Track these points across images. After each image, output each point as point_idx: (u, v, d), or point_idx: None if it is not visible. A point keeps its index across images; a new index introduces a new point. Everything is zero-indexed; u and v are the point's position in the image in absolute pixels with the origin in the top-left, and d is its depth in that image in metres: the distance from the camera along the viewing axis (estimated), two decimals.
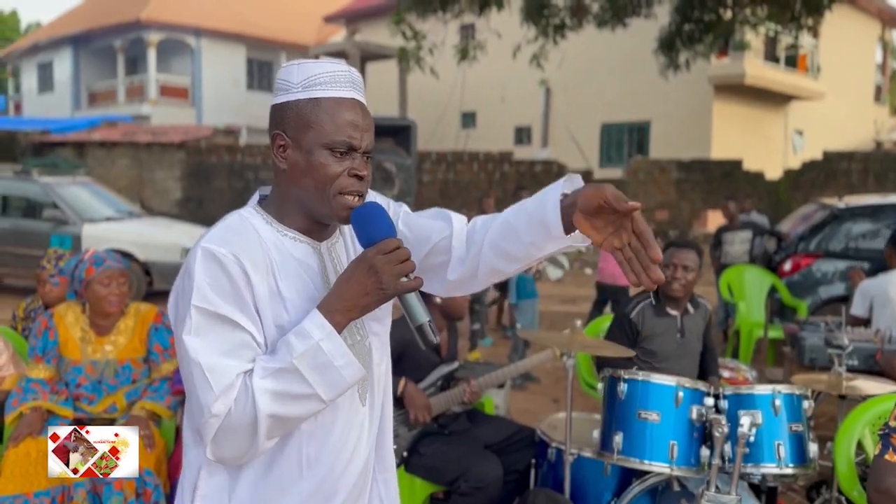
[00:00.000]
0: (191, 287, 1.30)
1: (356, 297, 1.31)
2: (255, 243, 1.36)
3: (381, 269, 1.29)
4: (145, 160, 16.56)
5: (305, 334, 1.29)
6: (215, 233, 1.36)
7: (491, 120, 22.97)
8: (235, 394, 1.27)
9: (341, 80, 1.38)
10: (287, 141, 1.38)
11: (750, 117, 20.59)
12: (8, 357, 3.33)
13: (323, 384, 1.29)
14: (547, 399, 5.79)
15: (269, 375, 1.27)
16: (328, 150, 1.35)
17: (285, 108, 1.38)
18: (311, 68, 1.38)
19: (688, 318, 3.52)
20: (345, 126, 1.35)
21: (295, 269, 1.40)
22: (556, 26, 10.45)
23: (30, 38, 30.09)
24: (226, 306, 1.29)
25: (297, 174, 1.38)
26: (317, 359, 1.28)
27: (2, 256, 9.03)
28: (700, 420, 2.68)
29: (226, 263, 1.30)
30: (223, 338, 1.29)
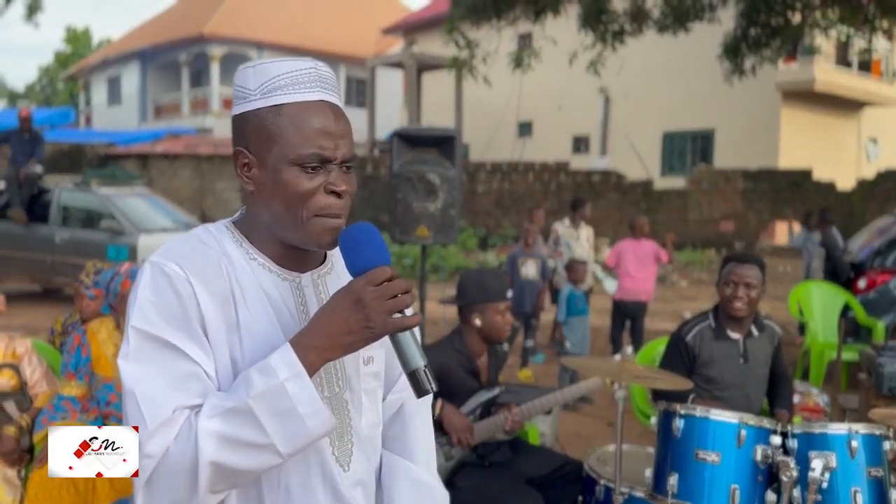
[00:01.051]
0: (132, 304, 1.13)
1: (337, 335, 1.10)
2: (214, 263, 1.18)
3: (370, 303, 1.09)
4: (206, 171, 16.85)
5: (269, 371, 1.08)
6: (170, 246, 1.19)
7: (547, 129, 22.68)
8: (175, 432, 1.08)
9: (305, 79, 1.17)
10: (250, 158, 1.19)
11: (820, 125, 19.79)
12: (41, 373, 3.29)
13: (282, 434, 1.08)
14: (600, 423, 5.50)
15: (218, 415, 1.07)
16: (297, 165, 1.15)
17: (244, 119, 1.19)
18: (269, 69, 1.18)
19: (751, 342, 3.23)
20: (314, 135, 1.15)
21: (261, 300, 1.20)
22: (614, 32, 10.14)
23: (100, 54, 31.20)
24: (170, 331, 1.11)
25: (266, 196, 1.18)
26: (278, 402, 1.07)
27: (62, 266, 9.22)
28: (765, 462, 2.40)
29: (175, 282, 1.13)
30: (165, 366, 1.10)
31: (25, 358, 3.26)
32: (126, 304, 3.00)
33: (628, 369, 2.61)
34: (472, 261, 14.26)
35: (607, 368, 2.63)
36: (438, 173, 4.26)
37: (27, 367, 3.26)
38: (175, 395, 1.10)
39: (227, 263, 1.19)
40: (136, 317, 1.12)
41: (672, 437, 2.46)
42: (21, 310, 9.21)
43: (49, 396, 3.16)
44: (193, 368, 1.12)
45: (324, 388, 1.23)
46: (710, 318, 3.24)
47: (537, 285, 6.76)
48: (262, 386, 1.07)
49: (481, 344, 2.97)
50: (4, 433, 3.03)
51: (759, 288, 3.16)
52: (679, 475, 2.41)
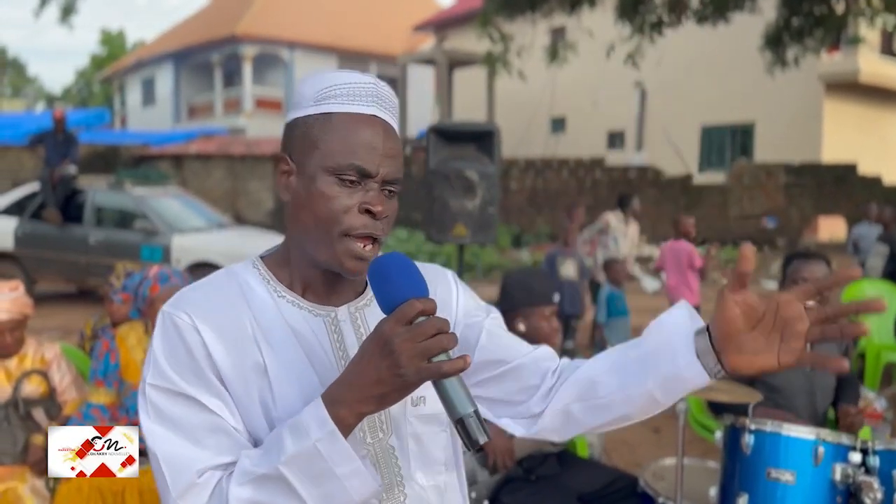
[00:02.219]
0: (147, 360, 1.07)
1: (368, 386, 0.96)
2: (229, 306, 1.09)
3: (399, 347, 0.93)
4: (239, 172, 16.89)
5: (301, 431, 0.97)
6: (183, 293, 1.11)
7: (582, 124, 22.39)
8: (205, 499, 0.99)
9: (362, 93, 1.10)
10: (291, 166, 1.11)
11: (865, 117, 19.23)
12: (70, 379, 3.20)
13: (319, 499, 0.97)
14: (646, 429, 5.28)
15: (250, 482, 0.97)
16: (334, 175, 1.06)
17: (293, 126, 1.13)
18: (328, 79, 1.12)
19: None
20: (358, 147, 1.06)
21: (288, 339, 1.08)
22: (652, 23, 9.91)
23: (134, 56, 31.60)
24: (184, 383, 1.03)
25: (298, 207, 1.10)
26: (312, 465, 0.96)
27: (96, 267, 9.22)
28: (845, 482, 2.19)
29: (182, 332, 1.05)
30: (185, 421, 1.03)
31: (54, 364, 3.18)
32: (155, 309, 2.92)
33: None
34: (506, 259, 14.05)
35: None
36: (477, 170, 4.10)
37: (56, 373, 3.17)
38: (199, 454, 1.01)
39: (246, 305, 1.10)
40: (151, 372, 1.06)
41: (741, 454, 2.26)
42: (56, 311, 9.25)
43: (78, 404, 3.08)
44: (215, 420, 1.03)
45: (366, 434, 1.10)
46: None
47: (577, 286, 6.56)
48: (293, 448, 0.96)
49: None
50: (33, 442, 2.94)
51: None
52: (749, 496, 2.21)
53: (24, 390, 3.04)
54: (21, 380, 3.04)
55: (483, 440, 0.95)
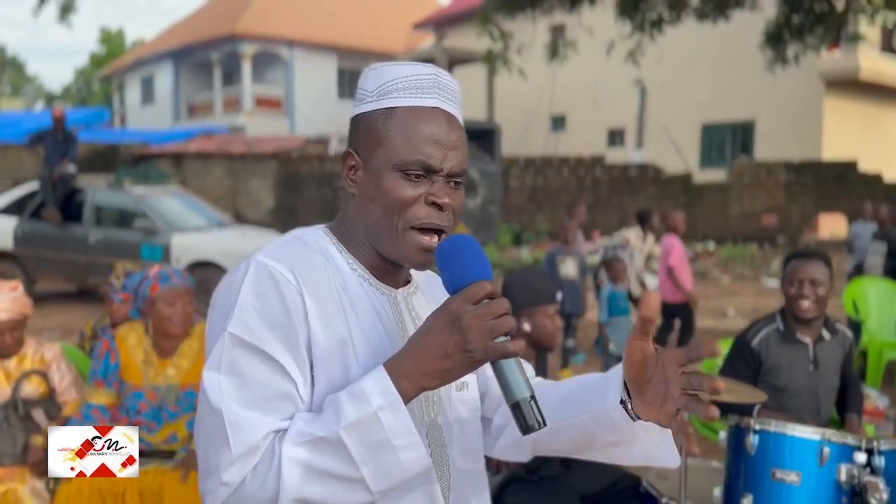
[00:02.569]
0: (231, 307, 1.01)
1: (434, 360, 0.98)
2: (322, 270, 1.08)
3: (469, 324, 0.95)
4: (239, 170, 16.87)
5: (362, 398, 0.97)
6: (276, 247, 1.09)
7: (582, 122, 22.38)
8: (257, 459, 0.96)
9: (423, 85, 1.10)
10: (357, 161, 1.12)
11: (865, 114, 19.23)
12: (70, 380, 3.19)
13: (374, 468, 0.96)
14: None
15: (306, 444, 0.95)
16: (400, 171, 1.07)
17: (357, 122, 1.13)
18: (388, 72, 1.11)
19: (822, 347, 2.98)
20: (422, 142, 1.07)
21: (368, 311, 1.09)
22: (652, 21, 9.88)
23: (133, 54, 31.56)
24: (273, 341, 0.99)
25: (366, 201, 1.10)
26: (371, 433, 0.96)
27: (96, 266, 9.21)
28: (850, 482, 2.17)
29: (283, 288, 1.01)
30: (259, 382, 0.99)
31: (54, 364, 3.16)
32: (155, 308, 2.90)
33: None
34: (506, 257, 14.03)
35: None
36: (478, 168, 4.09)
37: (56, 373, 3.16)
38: (266, 419, 0.99)
39: (333, 271, 1.10)
40: (234, 321, 1.00)
41: (745, 454, 2.24)
42: (56, 310, 9.24)
43: (78, 405, 3.06)
44: (289, 388, 1.01)
45: (423, 413, 1.11)
46: (778, 321, 3.00)
47: (577, 284, 6.55)
48: (354, 415, 0.96)
49: (529, 351, 2.77)
50: (32, 443, 2.93)
51: (827, 285, 2.92)
52: (754, 497, 2.19)
53: (23, 391, 3.03)
54: (20, 380, 3.03)
55: (538, 426, 0.96)
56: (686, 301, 6.65)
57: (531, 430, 0.97)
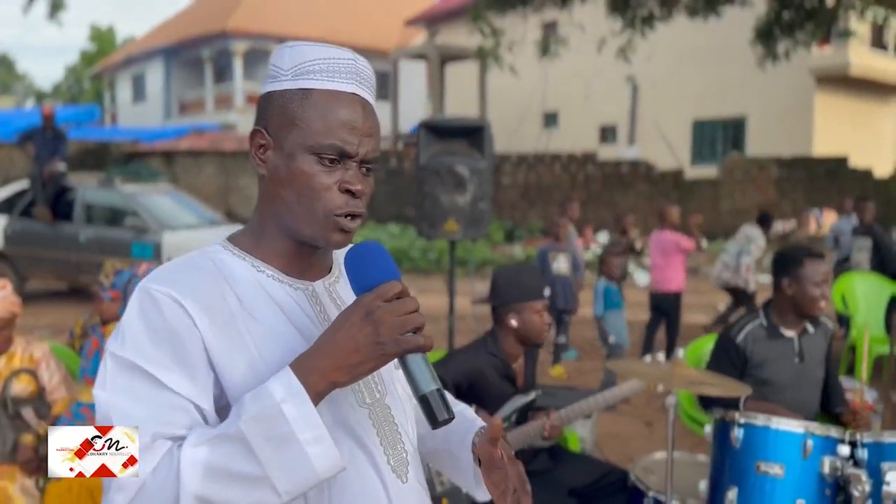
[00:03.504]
0: (115, 332, 1.03)
1: (344, 354, 0.98)
2: (210, 281, 1.07)
3: (381, 318, 0.98)
4: (231, 168, 16.82)
5: (265, 394, 0.95)
6: (161, 270, 1.09)
7: (574, 119, 22.40)
8: (154, 463, 0.94)
9: (342, 69, 1.09)
10: (268, 140, 1.10)
11: (856, 110, 19.30)
12: (60, 378, 3.18)
13: (277, 464, 0.93)
14: (638, 422, 5.29)
15: (205, 443, 0.94)
16: (314, 155, 1.07)
17: (269, 99, 1.11)
18: (305, 52, 1.10)
19: (806, 340, 3.00)
20: (338, 126, 1.07)
21: (272, 310, 1.08)
22: (643, 17, 9.88)
23: (124, 52, 31.41)
24: (153, 361, 0.98)
25: (277, 183, 1.10)
26: (274, 427, 0.93)
27: (87, 265, 9.18)
28: (833, 474, 2.20)
29: (163, 306, 1.01)
30: (145, 396, 0.98)
31: (43, 363, 3.16)
32: None
33: (680, 373, 2.41)
34: (498, 254, 14.05)
35: (657, 374, 2.43)
36: (467, 165, 4.09)
37: (45, 371, 3.15)
38: (154, 423, 0.97)
39: (225, 281, 1.08)
40: (115, 342, 1.01)
41: (730, 447, 2.26)
42: (47, 309, 9.21)
43: (67, 403, 3.06)
44: (178, 401, 0.99)
45: (364, 394, 1.13)
46: (762, 317, 3.01)
47: (569, 280, 6.57)
48: (255, 408, 0.94)
49: (517, 346, 2.78)
50: (22, 442, 2.93)
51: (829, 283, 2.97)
52: (739, 489, 2.21)
53: (12, 389, 3.02)
54: (10, 379, 3.02)
55: (444, 417, 0.98)
56: (676, 294, 6.72)
57: (437, 422, 0.98)
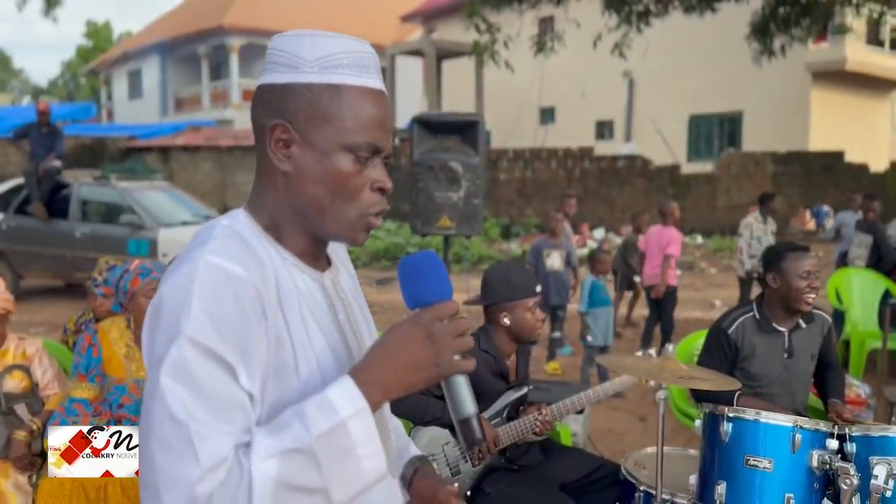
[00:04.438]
0: (185, 310, 0.94)
1: (405, 372, 1.00)
2: (262, 263, 1.03)
3: (440, 339, 1.00)
4: (227, 164, 16.80)
5: (329, 407, 0.95)
6: (221, 243, 1.01)
7: (571, 115, 22.39)
8: (225, 474, 0.90)
9: (368, 63, 1.08)
10: (293, 135, 1.05)
11: (852, 105, 19.32)
12: (53, 374, 3.19)
13: (337, 477, 0.95)
14: (632, 417, 5.31)
15: (276, 456, 0.92)
16: (350, 152, 1.05)
17: (291, 91, 1.05)
18: (329, 44, 1.06)
19: (797, 335, 3.01)
20: (371, 124, 1.06)
21: (301, 302, 1.06)
22: (639, 13, 9.85)
23: (120, 48, 31.34)
24: (230, 349, 0.93)
25: (306, 180, 1.06)
26: (338, 442, 0.95)
27: (82, 261, 9.16)
28: (822, 468, 2.20)
29: (239, 288, 0.96)
30: (219, 391, 0.93)
31: (36, 359, 3.16)
32: (136, 302, 2.90)
33: (670, 368, 2.42)
34: (495, 251, 14.06)
35: (647, 369, 2.44)
36: (461, 161, 4.09)
37: (38, 368, 3.16)
38: (229, 428, 0.94)
39: (267, 264, 1.04)
40: (192, 325, 0.93)
41: (719, 441, 2.27)
42: (43, 306, 9.21)
43: (60, 399, 3.05)
44: (243, 398, 0.96)
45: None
46: (755, 310, 3.03)
47: (563, 276, 6.58)
48: (325, 424, 0.95)
49: (510, 344, 2.78)
50: (15, 438, 2.93)
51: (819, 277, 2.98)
52: (727, 483, 2.22)
53: (5, 386, 3.03)
54: (2, 375, 3.02)
55: (480, 438, 1.02)
56: (672, 288, 6.78)
57: (477, 444, 1.02)
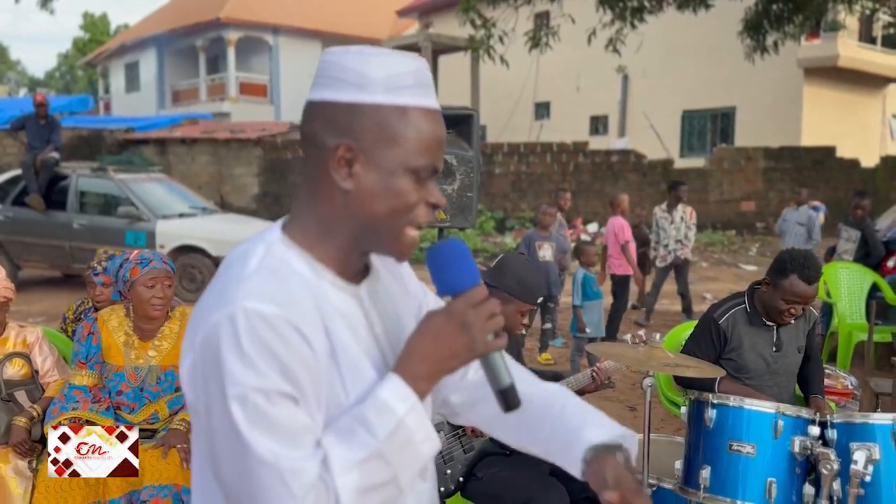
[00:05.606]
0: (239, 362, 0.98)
1: (444, 360, 1.06)
2: (302, 292, 1.06)
3: (475, 325, 1.05)
4: (224, 157, 16.82)
5: (387, 409, 1.03)
6: (256, 285, 1.03)
7: (565, 110, 22.44)
8: (314, 498, 0.98)
9: (426, 83, 1.10)
10: (355, 154, 1.06)
11: (843, 102, 19.41)
12: (53, 362, 3.23)
13: (402, 466, 1.04)
14: (622, 407, 5.39)
15: (354, 468, 1.00)
16: (413, 174, 1.07)
17: (358, 111, 1.06)
18: (393, 64, 1.08)
19: (785, 330, 3.08)
20: (433, 146, 1.08)
21: (339, 321, 1.09)
22: (633, 9, 9.91)
23: (117, 40, 31.25)
24: (284, 383, 0.99)
25: (368, 199, 1.07)
26: (400, 437, 1.03)
27: (80, 252, 9.22)
28: (803, 453, 2.28)
29: (280, 329, 0.99)
30: (289, 423, 0.99)
31: (36, 346, 3.21)
32: (135, 291, 2.96)
33: (657, 356, 2.49)
34: (490, 244, 14.14)
35: (634, 357, 2.50)
36: (455, 154, 4.12)
37: (38, 355, 3.20)
38: (306, 452, 1.00)
39: (307, 287, 1.07)
40: (251, 375, 0.97)
41: (704, 427, 2.34)
42: (41, 296, 9.25)
43: (60, 386, 3.09)
44: (307, 420, 1.02)
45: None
46: (746, 302, 3.09)
47: (553, 267, 6.68)
48: (388, 426, 1.02)
49: None
50: (15, 424, 2.97)
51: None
52: (712, 468, 2.29)
53: (5, 373, 3.07)
54: (3, 362, 3.07)
55: (518, 405, 1.09)
56: (625, 278, 7.24)
57: (515, 408, 1.09)
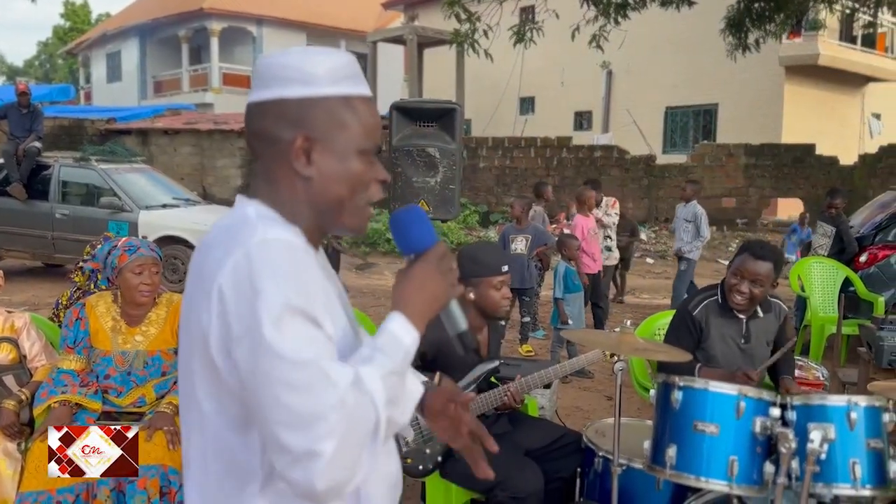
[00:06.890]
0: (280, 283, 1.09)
1: (430, 302, 1.26)
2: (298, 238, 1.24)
3: (447, 273, 1.27)
4: (207, 148, 16.75)
5: (397, 341, 1.21)
6: (265, 225, 1.18)
7: (550, 105, 22.56)
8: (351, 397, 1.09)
9: (360, 74, 1.27)
10: (311, 143, 1.21)
11: (823, 100, 19.66)
12: (40, 347, 3.28)
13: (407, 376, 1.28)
14: (600, 396, 5.51)
15: (381, 378, 1.15)
16: (362, 155, 1.25)
17: (308, 104, 1.21)
18: (331, 59, 1.23)
19: (755, 323, 3.21)
20: (373, 128, 1.26)
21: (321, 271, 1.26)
22: (617, 5, 9.97)
23: (99, 29, 30.93)
24: (317, 307, 1.12)
25: (330, 182, 1.23)
26: (407, 358, 1.22)
27: (62, 242, 9.21)
28: (764, 433, 2.39)
29: (301, 252, 1.16)
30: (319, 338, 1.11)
31: (24, 331, 3.25)
32: (123, 278, 3.02)
33: (628, 342, 2.60)
34: (473, 237, 14.23)
35: (607, 342, 2.61)
36: (438, 147, 4.22)
37: (26, 340, 3.25)
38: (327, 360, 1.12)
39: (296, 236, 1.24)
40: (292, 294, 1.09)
41: (671, 408, 2.45)
42: (23, 286, 9.22)
43: (48, 370, 3.14)
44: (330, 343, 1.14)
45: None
46: (718, 294, 3.21)
47: (525, 260, 6.79)
48: (401, 353, 1.19)
49: (479, 318, 2.95)
50: (4, 407, 3.02)
51: (768, 285, 3.10)
52: (677, 447, 2.40)
53: None
54: None
55: (473, 347, 1.34)
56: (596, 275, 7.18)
57: (471, 349, 1.31)
